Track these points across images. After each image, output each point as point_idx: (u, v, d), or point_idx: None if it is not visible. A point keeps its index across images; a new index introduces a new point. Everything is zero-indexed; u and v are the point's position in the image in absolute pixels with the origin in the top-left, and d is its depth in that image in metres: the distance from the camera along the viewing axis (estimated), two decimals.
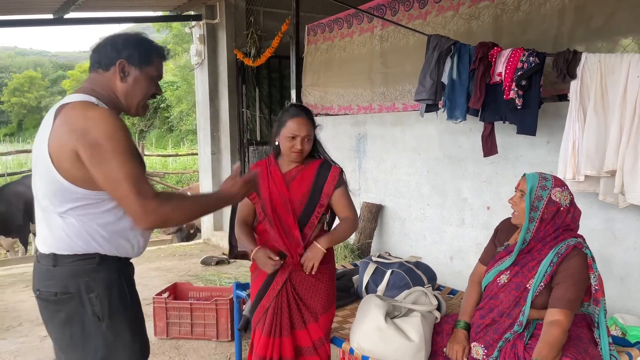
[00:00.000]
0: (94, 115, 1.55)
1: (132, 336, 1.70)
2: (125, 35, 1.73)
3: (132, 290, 1.75)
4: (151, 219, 1.56)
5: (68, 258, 1.63)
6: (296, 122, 2.26)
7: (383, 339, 2.20)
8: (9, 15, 5.94)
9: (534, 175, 2.11)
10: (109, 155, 1.51)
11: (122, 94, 1.70)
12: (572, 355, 1.92)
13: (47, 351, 3.53)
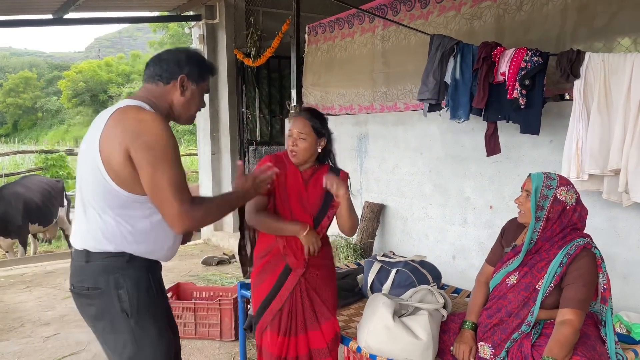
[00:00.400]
0: (147, 118, 1.66)
1: (158, 333, 1.78)
2: (187, 52, 1.87)
3: (159, 288, 1.83)
4: (187, 224, 1.68)
5: (100, 255, 1.72)
6: (293, 120, 2.33)
7: (391, 337, 2.21)
8: (9, 16, 5.92)
9: (539, 175, 2.12)
10: (158, 160, 1.62)
11: (179, 106, 1.83)
12: (582, 353, 1.93)
13: (50, 352, 3.53)
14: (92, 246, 1.72)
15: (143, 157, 1.62)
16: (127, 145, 1.62)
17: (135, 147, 1.61)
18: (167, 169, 1.63)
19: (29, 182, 7.06)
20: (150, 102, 1.76)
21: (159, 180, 1.63)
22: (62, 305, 4.48)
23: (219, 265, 5.73)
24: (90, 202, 1.72)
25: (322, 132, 2.34)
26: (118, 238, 1.71)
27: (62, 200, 7.37)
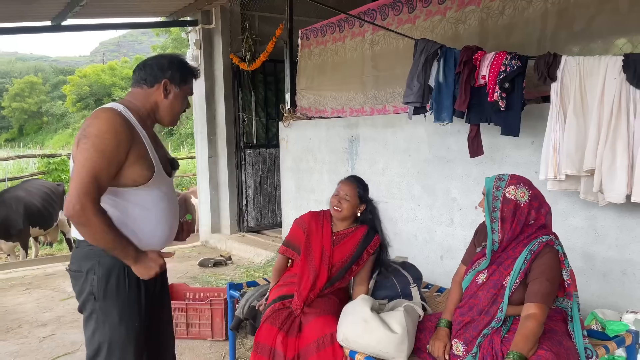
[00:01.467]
0: (100, 115, 1.84)
1: (119, 319, 1.93)
2: (169, 57, 2.02)
3: (133, 280, 1.95)
4: (75, 211, 1.76)
5: (84, 242, 1.92)
6: (343, 184, 2.72)
7: (367, 330, 2.28)
8: (7, 23, 6.03)
9: (491, 178, 2.21)
10: (88, 147, 1.78)
11: (162, 108, 1.99)
12: (547, 347, 1.99)
13: (45, 352, 3.62)
14: (78, 234, 1.91)
15: (80, 142, 1.79)
16: (78, 136, 1.82)
17: (80, 135, 1.81)
18: (90, 158, 1.77)
19: (30, 186, 7.16)
20: (129, 104, 1.92)
21: (80, 163, 1.77)
22: (60, 307, 4.57)
23: (215, 267, 5.80)
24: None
25: (364, 199, 2.71)
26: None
27: (63, 203, 7.47)
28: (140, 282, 1.97)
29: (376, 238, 2.72)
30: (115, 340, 1.94)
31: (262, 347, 2.42)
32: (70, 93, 33.30)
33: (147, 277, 1.96)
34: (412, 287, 2.87)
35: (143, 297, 2.00)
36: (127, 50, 69.93)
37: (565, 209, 3.19)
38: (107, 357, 1.94)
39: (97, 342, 1.94)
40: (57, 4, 5.54)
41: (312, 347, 2.41)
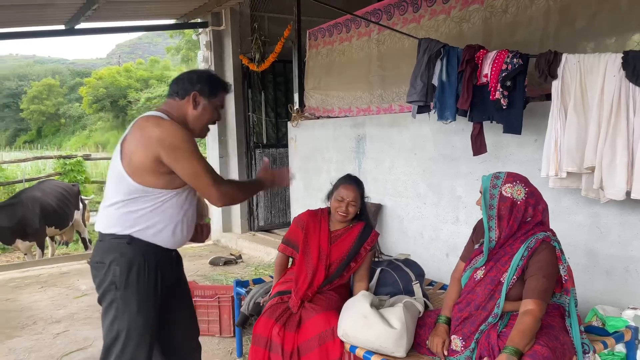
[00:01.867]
0: (164, 124, 2.02)
1: (137, 309, 2.07)
2: (200, 71, 2.24)
3: (154, 271, 2.10)
4: (224, 200, 2.10)
5: (108, 236, 2.09)
6: (346, 189, 2.73)
7: (367, 325, 2.32)
8: (22, 27, 6.18)
9: (488, 176, 2.24)
10: (186, 155, 2.00)
11: (191, 119, 2.14)
12: (544, 342, 2.02)
13: (59, 347, 3.72)
14: (103, 228, 2.10)
15: (172, 156, 1.98)
16: (155, 149, 1.97)
17: (164, 151, 1.97)
18: (194, 160, 2.01)
19: (46, 187, 7.31)
20: (167, 114, 2.10)
21: (192, 170, 2.02)
22: (74, 304, 4.68)
23: (225, 265, 5.89)
24: (108, 192, 2.11)
25: (363, 199, 2.80)
26: (122, 222, 2.06)
27: (78, 203, 7.62)
28: (157, 274, 2.12)
29: (373, 234, 2.78)
30: (133, 329, 2.07)
31: (258, 338, 2.50)
32: (87, 95, 33.73)
33: (278, 184, 2.40)
34: (414, 283, 2.91)
35: (160, 288, 2.14)
36: (143, 52, 70.61)
37: (568, 206, 3.20)
38: (125, 344, 2.06)
39: (116, 330, 2.07)
40: (69, 9, 5.67)
41: (314, 341, 2.47)
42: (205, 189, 2.07)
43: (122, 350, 2.06)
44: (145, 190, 2.03)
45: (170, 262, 2.23)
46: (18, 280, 5.65)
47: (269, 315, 2.56)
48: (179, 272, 2.34)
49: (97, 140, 32.10)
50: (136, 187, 2.02)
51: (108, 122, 34.14)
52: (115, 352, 2.07)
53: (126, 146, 2.04)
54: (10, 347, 3.75)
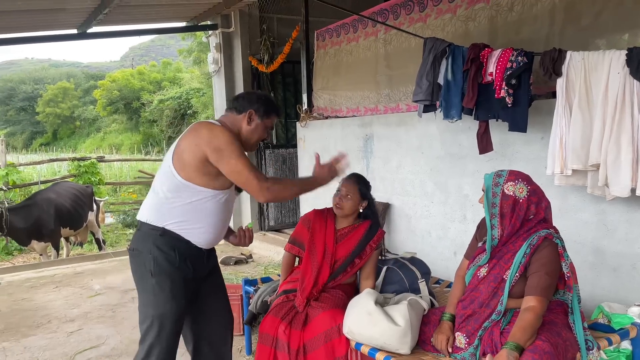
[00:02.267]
0: (214, 129, 2.20)
1: (170, 295, 2.23)
2: (259, 94, 2.48)
3: (183, 262, 2.25)
4: (267, 195, 2.21)
5: (145, 225, 2.27)
6: (344, 183, 2.80)
7: (371, 322, 2.34)
8: (36, 32, 6.30)
9: (490, 175, 2.25)
10: (230, 155, 2.15)
11: (244, 133, 2.33)
12: (545, 338, 2.03)
13: (72, 345, 3.80)
14: (142, 216, 2.29)
15: (218, 156, 2.15)
16: (204, 149, 2.15)
17: (210, 151, 2.15)
18: (237, 159, 2.15)
19: (60, 188, 7.43)
20: (223, 123, 2.29)
21: (235, 168, 2.16)
22: (87, 304, 4.77)
23: (236, 265, 5.95)
24: (154, 185, 2.29)
25: (366, 196, 2.80)
26: (159, 214, 2.23)
27: (92, 204, 7.73)
28: (187, 266, 2.26)
29: (379, 232, 2.80)
30: (167, 314, 2.23)
31: (265, 336, 2.54)
32: (101, 97, 34.10)
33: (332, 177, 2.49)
34: (420, 281, 2.93)
35: (191, 279, 2.29)
36: (156, 54, 71.17)
37: (575, 204, 3.20)
38: (160, 329, 2.23)
39: (151, 315, 2.23)
40: (81, 13, 5.77)
41: (320, 339, 2.50)
42: (247, 183, 2.19)
43: (158, 334, 2.23)
44: (186, 185, 2.20)
45: (202, 258, 2.34)
46: (33, 280, 5.76)
47: (274, 313, 2.60)
48: (211, 266, 2.46)
49: (112, 142, 32.44)
50: (180, 181, 2.19)
51: (122, 124, 34.45)
52: (151, 336, 2.23)
53: (180, 145, 2.23)
54: (26, 345, 3.84)
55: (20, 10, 5.31)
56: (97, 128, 38.36)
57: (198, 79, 23.76)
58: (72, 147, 35.13)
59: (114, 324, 4.18)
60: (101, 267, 6.39)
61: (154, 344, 2.24)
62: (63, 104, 40.61)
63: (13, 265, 6.87)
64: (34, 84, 46.92)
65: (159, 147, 26.80)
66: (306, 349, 2.50)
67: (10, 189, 9.32)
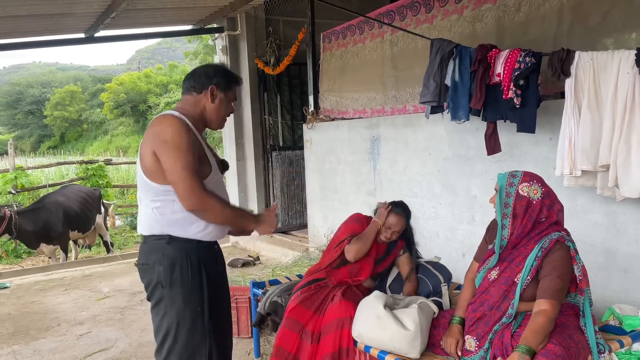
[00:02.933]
0: (165, 122, 2.06)
1: (184, 304, 2.14)
2: (215, 66, 2.29)
3: (195, 268, 2.15)
4: (193, 202, 2.03)
5: (150, 238, 2.16)
6: (397, 218, 2.90)
7: (381, 326, 2.34)
8: (43, 36, 6.34)
9: (504, 175, 2.23)
10: (170, 150, 2.00)
11: (209, 112, 2.20)
12: (557, 341, 2.01)
13: (82, 348, 3.81)
14: (144, 230, 2.18)
15: (160, 150, 2.01)
16: (151, 144, 2.03)
17: (155, 144, 2.02)
18: (178, 157, 2.00)
19: (68, 191, 7.47)
20: (182, 110, 2.15)
21: (172, 165, 2.00)
22: (96, 306, 4.79)
23: (244, 267, 5.95)
24: (139, 196, 2.18)
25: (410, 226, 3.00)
26: (159, 223, 2.12)
27: (100, 207, 7.76)
28: (202, 270, 2.17)
29: (399, 242, 3.00)
30: (182, 324, 2.15)
31: (293, 322, 2.68)
32: (108, 100, 34.31)
33: (271, 231, 2.30)
34: (442, 285, 2.97)
35: (205, 283, 2.19)
36: (162, 57, 71.48)
37: (584, 205, 3.18)
38: (175, 339, 2.16)
39: (166, 326, 2.16)
40: (89, 17, 5.80)
41: (332, 325, 2.59)
42: (176, 187, 2.03)
43: (173, 344, 2.16)
44: (165, 190, 2.07)
45: (215, 257, 2.26)
46: (42, 283, 5.79)
47: (306, 305, 2.71)
48: (223, 266, 2.39)
49: (119, 144, 32.61)
50: (158, 187, 2.07)
51: (129, 127, 34.65)
52: (166, 346, 2.17)
53: (141, 149, 2.10)
54: (35, 348, 3.86)
55: (28, 15, 5.35)
56: (104, 131, 38.58)
57: None
58: (80, 150, 35.31)
59: (122, 327, 4.19)
60: (109, 269, 6.42)
61: (170, 355, 2.17)
62: (71, 107, 40.85)
63: (22, 269, 6.90)
64: (42, 88, 47.21)
65: None
66: (321, 334, 2.61)
67: (19, 192, 9.38)
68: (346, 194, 5.30)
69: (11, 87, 47.85)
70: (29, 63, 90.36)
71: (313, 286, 2.82)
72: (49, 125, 42.21)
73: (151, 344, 3.79)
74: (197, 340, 2.18)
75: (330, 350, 2.54)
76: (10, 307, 4.91)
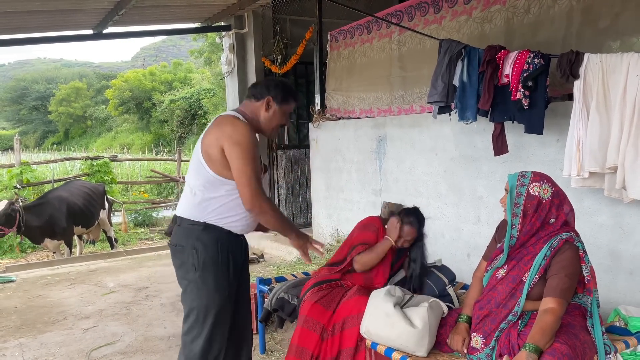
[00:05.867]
0: (237, 124, 2.26)
1: (215, 287, 2.32)
2: (276, 80, 2.51)
3: (226, 255, 2.34)
4: (254, 205, 2.25)
5: (186, 221, 2.35)
6: (409, 227, 2.89)
7: (389, 323, 2.35)
8: (52, 32, 6.37)
9: (514, 175, 2.24)
10: (242, 153, 2.21)
11: (263, 120, 2.39)
12: (564, 340, 2.02)
13: (88, 342, 3.84)
14: (182, 212, 2.37)
15: (233, 150, 2.21)
16: (223, 141, 2.22)
17: (227, 144, 2.21)
18: (248, 161, 2.21)
19: (72, 187, 7.49)
20: (243, 114, 2.37)
21: (242, 167, 2.21)
22: (102, 301, 4.82)
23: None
24: (189, 182, 2.37)
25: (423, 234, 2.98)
26: (199, 209, 2.31)
27: (104, 203, 7.79)
28: (229, 258, 2.35)
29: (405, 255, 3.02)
30: (212, 306, 2.32)
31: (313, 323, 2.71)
32: (113, 97, 34.37)
33: (304, 250, 2.48)
34: (448, 287, 2.98)
35: (232, 270, 2.37)
36: (167, 54, 71.57)
37: (591, 206, 3.19)
38: (204, 320, 2.32)
39: (196, 307, 2.32)
40: (98, 13, 5.83)
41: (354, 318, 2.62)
42: (246, 185, 2.22)
43: (202, 325, 2.32)
44: (219, 180, 2.26)
45: (240, 247, 2.43)
46: (48, 277, 5.82)
47: (324, 304, 2.73)
48: (246, 257, 2.54)
49: (122, 141, 32.66)
50: (212, 175, 2.26)
51: (133, 124, 34.69)
52: (196, 328, 2.33)
53: (205, 139, 2.29)
54: (42, 341, 3.88)
55: (38, 11, 5.38)
56: (109, 127, 38.65)
57: (209, 80, 23.87)
58: (84, 146, 35.40)
59: (128, 322, 4.22)
60: (114, 265, 6.45)
61: (197, 336, 2.32)
62: (75, 104, 40.94)
63: (27, 263, 6.93)
64: (47, 84, 47.34)
65: (169, 147, 26.94)
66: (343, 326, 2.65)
67: (24, 187, 9.41)
68: (351, 193, 5.32)
69: (16, 83, 48.02)
70: (33, 59, 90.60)
71: (324, 286, 2.83)
72: (53, 121, 42.32)
73: (157, 338, 3.83)
74: (223, 323, 2.35)
75: (352, 344, 2.58)
76: (17, 300, 4.94)
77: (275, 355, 3.46)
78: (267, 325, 3.46)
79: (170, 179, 12.29)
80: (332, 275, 2.91)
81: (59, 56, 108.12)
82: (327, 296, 2.78)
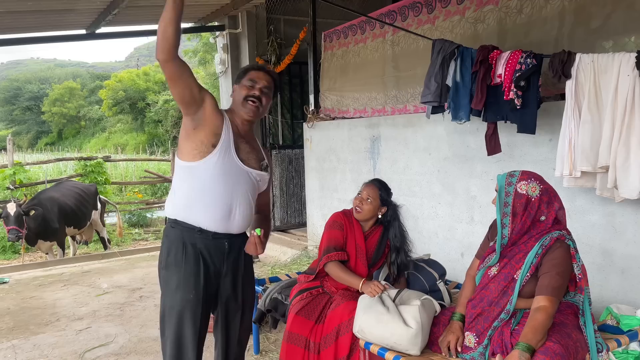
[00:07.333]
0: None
1: (176, 287, 2.23)
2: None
3: (190, 256, 2.23)
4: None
5: (167, 220, 2.35)
6: (365, 185, 2.83)
7: (382, 322, 2.36)
8: (45, 32, 6.34)
9: (503, 175, 2.26)
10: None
11: (233, 104, 2.38)
12: (556, 339, 2.03)
13: (81, 343, 3.82)
14: (166, 212, 2.37)
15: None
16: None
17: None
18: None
19: (63, 187, 7.47)
20: (229, 106, 2.41)
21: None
22: (95, 302, 4.80)
23: None
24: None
25: (386, 202, 2.81)
26: (170, 205, 2.30)
27: (96, 203, 7.76)
28: (199, 259, 2.23)
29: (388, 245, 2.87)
30: (172, 307, 2.24)
31: (296, 337, 2.63)
32: (107, 98, 34.26)
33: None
34: (438, 283, 2.98)
35: (202, 272, 2.23)
36: None
37: (583, 205, 3.20)
38: (166, 321, 2.26)
39: (162, 306, 2.29)
40: (91, 13, 5.80)
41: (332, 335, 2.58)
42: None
43: (166, 324, 2.26)
44: (182, 166, 2.23)
45: (220, 251, 2.26)
46: (41, 278, 5.80)
47: (305, 315, 2.65)
48: (236, 260, 2.32)
49: (116, 142, 32.56)
50: (180, 165, 2.24)
51: (127, 124, 34.59)
52: (162, 326, 2.29)
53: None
54: (35, 343, 3.87)
55: (30, 11, 5.35)
56: (102, 128, 38.52)
57: (203, 80, 23.78)
58: (77, 146, 35.26)
59: (122, 323, 4.20)
60: (108, 266, 6.43)
61: (163, 334, 2.29)
62: (69, 104, 40.79)
63: (21, 264, 6.90)
64: (40, 84, 47.14)
65: (163, 147, 26.88)
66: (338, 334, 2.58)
67: (17, 188, 9.37)
68: (346, 193, 5.32)
69: (9, 83, 47.78)
70: (27, 59, 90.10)
71: (305, 294, 2.74)
72: (46, 122, 42.13)
73: (151, 339, 3.81)
74: (187, 326, 2.22)
75: (347, 351, 2.52)
76: (10, 301, 4.91)
77: (269, 356, 3.46)
78: (261, 325, 3.46)
79: (165, 179, 12.26)
80: (312, 283, 2.81)
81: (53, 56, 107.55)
82: (309, 305, 2.69)
